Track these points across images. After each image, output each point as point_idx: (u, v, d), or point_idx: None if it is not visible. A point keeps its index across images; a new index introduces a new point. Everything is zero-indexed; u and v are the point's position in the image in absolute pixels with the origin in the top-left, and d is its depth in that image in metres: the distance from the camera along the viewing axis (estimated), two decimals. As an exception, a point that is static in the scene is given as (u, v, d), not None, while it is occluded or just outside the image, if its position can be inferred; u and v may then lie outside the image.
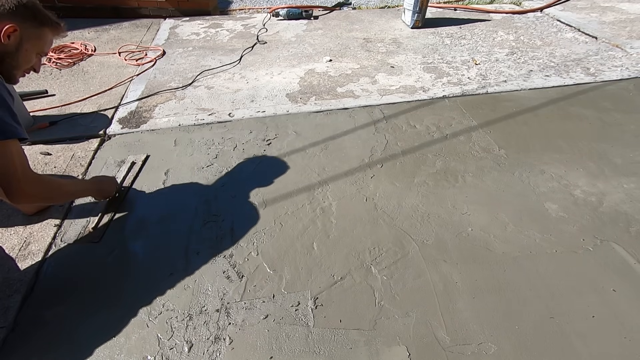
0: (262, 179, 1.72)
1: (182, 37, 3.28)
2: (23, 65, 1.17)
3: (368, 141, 1.96)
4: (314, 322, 1.16)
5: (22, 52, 1.13)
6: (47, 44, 1.21)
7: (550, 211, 1.54)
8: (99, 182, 1.50)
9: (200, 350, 1.09)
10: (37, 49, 1.17)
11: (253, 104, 2.29)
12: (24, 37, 1.11)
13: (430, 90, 2.41)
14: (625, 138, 1.96)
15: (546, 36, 3.23)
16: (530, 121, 2.10)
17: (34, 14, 1.13)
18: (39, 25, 1.15)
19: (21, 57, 1.14)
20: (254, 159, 1.84)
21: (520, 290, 1.25)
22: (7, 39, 1.08)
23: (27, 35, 1.12)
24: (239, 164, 1.81)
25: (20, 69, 1.17)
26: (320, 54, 2.95)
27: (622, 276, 1.28)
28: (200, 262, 1.35)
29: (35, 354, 1.09)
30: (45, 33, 1.17)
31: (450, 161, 1.81)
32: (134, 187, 1.68)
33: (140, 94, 2.39)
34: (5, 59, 1.12)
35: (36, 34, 1.15)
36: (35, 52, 1.18)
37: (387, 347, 1.10)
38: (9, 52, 1.10)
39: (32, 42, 1.14)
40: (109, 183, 1.54)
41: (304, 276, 1.30)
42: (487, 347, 1.10)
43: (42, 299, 1.23)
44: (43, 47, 1.19)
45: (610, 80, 2.50)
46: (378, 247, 1.40)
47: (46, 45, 1.21)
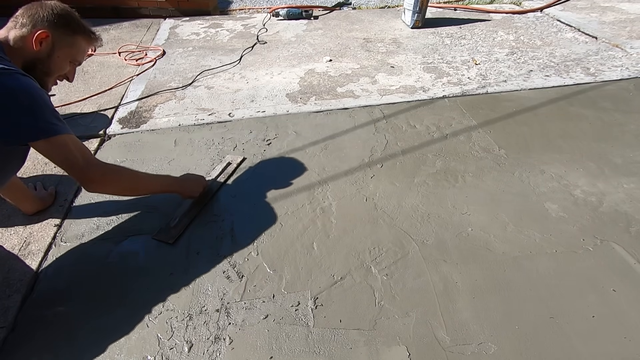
0: (262, 179, 1.72)
1: (182, 37, 3.28)
2: (55, 73, 1.17)
3: (368, 141, 1.96)
4: (314, 322, 1.16)
5: (54, 59, 1.14)
6: (80, 53, 1.21)
7: (550, 211, 1.54)
8: (185, 180, 1.48)
9: (200, 350, 1.09)
10: (69, 57, 1.18)
11: (253, 104, 2.29)
12: (56, 44, 1.12)
13: (430, 90, 2.41)
14: (625, 138, 1.96)
15: (546, 36, 3.23)
16: (530, 121, 2.10)
17: (67, 21, 1.14)
18: (71, 34, 1.15)
19: (53, 64, 1.15)
20: (254, 158, 1.84)
21: (520, 290, 1.25)
22: (38, 45, 1.09)
23: (60, 42, 1.13)
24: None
25: (52, 76, 1.18)
26: (320, 54, 2.95)
27: (622, 276, 1.28)
28: (200, 262, 1.35)
29: (35, 354, 1.09)
30: (78, 41, 1.18)
31: (450, 161, 1.81)
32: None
33: (140, 94, 2.39)
34: (37, 65, 1.12)
35: (68, 41, 1.15)
36: (67, 60, 1.18)
37: (387, 347, 1.10)
38: (40, 58, 1.11)
39: (64, 49, 1.15)
40: (196, 182, 1.50)
41: (304, 276, 1.30)
42: (487, 347, 1.10)
43: (42, 299, 1.23)
44: (76, 55, 1.20)
45: (610, 80, 2.50)
46: (378, 247, 1.40)
47: (79, 53, 1.21)
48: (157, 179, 1.42)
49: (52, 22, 1.10)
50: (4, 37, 1.09)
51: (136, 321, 1.17)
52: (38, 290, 1.25)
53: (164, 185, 1.41)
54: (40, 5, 1.12)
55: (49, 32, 1.09)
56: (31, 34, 1.08)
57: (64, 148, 1.06)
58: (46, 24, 1.10)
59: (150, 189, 1.38)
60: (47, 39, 1.10)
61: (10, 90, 0.96)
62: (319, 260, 1.35)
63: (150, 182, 1.36)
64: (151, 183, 1.36)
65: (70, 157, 1.07)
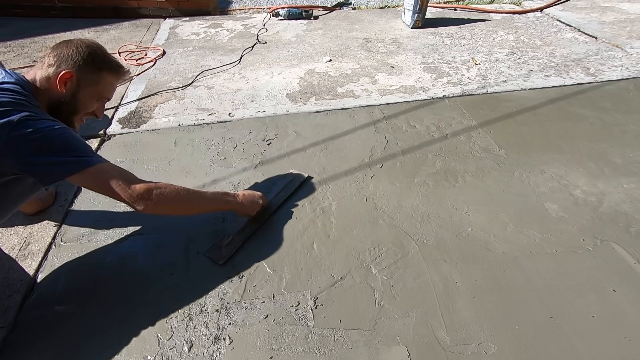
0: (261, 179, 1.71)
1: (182, 37, 3.28)
2: (82, 111, 1.15)
3: (368, 141, 1.96)
4: (314, 322, 1.16)
5: (80, 98, 1.12)
6: (107, 89, 1.18)
7: (550, 211, 1.54)
8: (243, 197, 1.39)
9: (200, 350, 1.09)
10: (96, 94, 1.15)
11: (253, 104, 2.29)
12: (81, 83, 1.10)
13: (430, 90, 2.41)
14: (625, 138, 1.96)
15: (546, 36, 3.23)
16: (530, 121, 2.10)
17: (92, 59, 1.10)
18: (97, 71, 1.12)
19: (79, 103, 1.12)
20: (253, 159, 1.84)
21: (520, 290, 1.25)
22: (63, 86, 1.07)
23: (85, 81, 1.10)
24: (239, 164, 1.81)
25: (79, 114, 1.16)
26: (320, 54, 2.95)
27: (622, 276, 1.28)
28: (201, 262, 1.35)
29: (35, 354, 1.09)
30: (104, 78, 1.15)
31: (450, 161, 1.81)
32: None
33: (140, 94, 2.39)
34: (63, 106, 1.10)
35: (94, 79, 1.12)
36: (94, 98, 1.16)
37: (387, 347, 1.10)
38: (66, 98, 1.09)
39: (90, 88, 1.12)
40: (254, 200, 1.42)
41: (304, 276, 1.30)
42: (487, 347, 1.10)
43: (42, 299, 1.23)
44: (102, 92, 1.17)
45: (610, 80, 2.50)
46: (378, 247, 1.40)
47: (105, 90, 1.18)
48: (212, 196, 1.31)
49: (77, 60, 1.08)
50: (32, 78, 1.08)
51: (136, 321, 1.17)
52: (38, 291, 1.25)
53: (220, 202, 1.32)
54: (66, 44, 1.10)
55: (72, 72, 1.07)
56: (55, 75, 1.07)
57: (101, 176, 1.04)
58: (70, 64, 1.07)
59: (205, 206, 1.29)
60: (71, 78, 1.08)
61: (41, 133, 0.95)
62: (319, 260, 1.35)
63: (205, 199, 1.27)
64: (206, 200, 1.28)
65: (112, 184, 1.04)
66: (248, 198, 1.40)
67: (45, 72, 1.08)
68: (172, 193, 1.14)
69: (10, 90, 0.98)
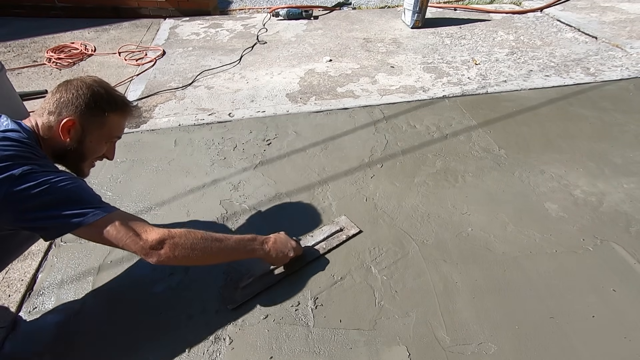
0: (261, 179, 1.71)
1: (182, 37, 3.28)
2: (90, 157, 1.08)
3: (368, 141, 1.96)
4: (314, 322, 1.16)
5: (87, 144, 1.03)
6: (115, 130, 1.09)
7: (550, 211, 1.54)
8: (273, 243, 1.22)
9: (200, 350, 1.09)
10: (103, 138, 1.07)
11: (253, 104, 2.29)
12: (86, 129, 1.02)
13: (430, 90, 2.41)
14: (625, 138, 1.96)
15: (546, 36, 3.23)
16: (530, 121, 2.10)
17: (95, 101, 1.01)
18: (101, 113, 1.03)
19: (86, 150, 1.04)
20: (253, 159, 1.84)
21: (520, 290, 1.25)
22: (67, 135, 0.99)
23: (89, 126, 1.02)
24: (239, 164, 1.81)
25: (88, 160, 1.08)
26: (320, 54, 2.95)
27: (622, 276, 1.28)
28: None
29: (35, 354, 1.09)
30: (109, 120, 1.05)
31: (450, 161, 1.81)
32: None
33: (140, 94, 2.39)
34: (69, 155, 1.03)
35: (99, 123, 1.03)
36: (102, 142, 1.07)
37: (387, 347, 1.10)
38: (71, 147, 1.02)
39: (96, 133, 1.04)
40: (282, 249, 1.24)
41: (304, 276, 1.30)
42: (487, 347, 1.10)
43: (42, 299, 1.23)
44: (110, 134, 1.08)
45: (610, 80, 2.50)
46: (378, 247, 1.40)
47: (114, 131, 1.09)
48: (235, 244, 1.14)
49: (78, 105, 0.99)
50: (32, 125, 0.99)
51: (136, 321, 1.17)
52: (38, 290, 1.25)
53: (244, 251, 1.16)
54: (65, 87, 1.01)
55: (75, 119, 0.99)
56: (57, 123, 0.98)
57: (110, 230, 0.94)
58: (72, 110, 0.99)
59: (225, 257, 1.14)
60: (74, 126, 0.99)
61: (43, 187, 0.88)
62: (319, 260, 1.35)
63: (226, 249, 1.11)
64: (227, 250, 1.11)
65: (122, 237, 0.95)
66: (278, 247, 1.23)
67: (46, 120, 0.99)
68: (187, 243, 1.01)
69: (14, 140, 0.91)
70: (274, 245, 1.22)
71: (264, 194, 1.63)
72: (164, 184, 1.68)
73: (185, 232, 1.03)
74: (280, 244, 1.24)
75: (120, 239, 0.95)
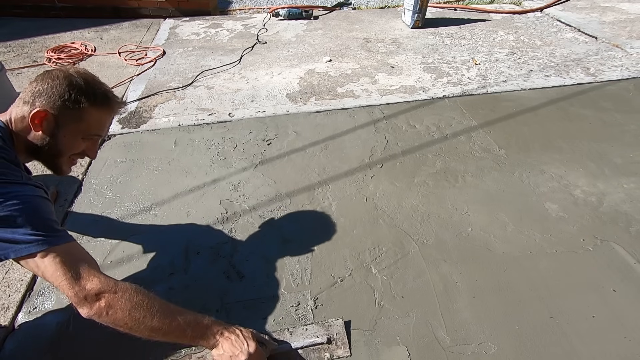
0: (261, 179, 1.72)
1: (182, 37, 3.28)
2: (66, 153, 0.98)
3: (368, 141, 1.96)
4: (314, 322, 1.16)
5: (61, 138, 0.94)
6: (95, 126, 0.99)
7: (550, 211, 1.54)
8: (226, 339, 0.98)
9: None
10: (80, 133, 0.97)
11: (253, 104, 2.29)
12: (59, 122, 0.93)
13: (430, 90, 2.41)
14: (625, 138, 1.96)
15: (546, 36, 3.23)
16: (530, 121, 2.10)
17: (72, 93, 0.92)
18: (78, 106, 0.93)
19: (61, 145, 0.95)
20: (253, 159, 1.84)
21: (520, 290, 1.25)
22: (39, 127, 0.91)
23: (64, 118, 0.93)
24: (239, 164, 1.81)
25: (64, 156, 0.99)
26: (320, 54, 2.95)
27: (622, 276, 1.28)
28: (201, 262, 1.35)
29: (35, 354, 1.09)
30: (87, 113, 0.95)
31: (450, 161, 1.81)
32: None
33: (140, 94, 2.39)
34: (43, 150, 0.95)
35: (75, 116, 0.94)
36: (79, 137, 0.97)
37: (387, 347, 1.10)
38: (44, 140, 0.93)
39: (71, 126, 0.94)
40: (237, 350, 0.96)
41: (304, 276, 1.30)
42: (487, 347, 1.10)
43: (42, 299, 1.23)
44: (88, 129, 0.98)
45: (610, 80, 2.50)
46: (378, 247, 1.40)
47: (92, 127, 0.98)
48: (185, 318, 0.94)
49: (52, 95, 0.91)
50: (7, 119, 0.92)
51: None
52: (38, 290, 1.25)
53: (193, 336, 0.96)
54: (43, 76, 0.94)
55: (47, 109, 0.90)
56: (29, 114, 0.90)
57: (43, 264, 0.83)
58: (45, 100, 0.90)
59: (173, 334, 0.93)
60: (46, 117, 0.91)
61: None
62: (319, 260, 1.35)
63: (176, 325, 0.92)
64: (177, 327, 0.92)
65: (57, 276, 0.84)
66: (232, 351, 0.96)
67: (20, 111, 0.92)
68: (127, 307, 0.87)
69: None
70: (230, 346, 0.97)
71: (264, 194, 1.63)
72: (164, 184, 1.69)
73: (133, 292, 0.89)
74: (236, 344, 0.97)
75: (56, 279, 0.84)
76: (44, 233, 0.84)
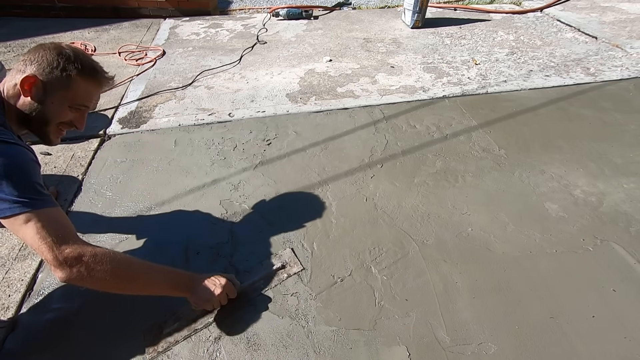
0: (261, 179, 1.71)
1: (182, 37, 3.28)
2: (54, 120, 1.02)
3: (368, 141, 1.96)
4: (314, 322, 1.16)
5: (48, 105, 0.99)
6: (82, 97, 1.03)
7: (550, 211, 1.54)
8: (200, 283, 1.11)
9: (200, 350, 1.09)
10: (67, 101, 1.01)
11: (253, 104, 2.29)
12: (48, 89, 0.97)
13: (430, 90, 2.41)
14: (625, 138, 1.96)
15: (546, 36, 3.23)
16: (530, 121, 2.10)
17: (62, 62, 0.98)
18: (65, 74, 0.98)
19: (48, 111, 0.99)
20: (253, 159, 1.84)
21: (520, 290, 1.25)
22: (27, 92, 0.96)
23: (52, 85, 0.98)
24: (239, 164, 1.81)
25: (52, 125, 1.02)
26: (320, 54, 2.95)
27: (622, 276, 1.28)
28: (200, 262, 1.35)
29: (35, 354, 1.09)
30: (75, 83, 1.00)
31: (450, 161, 1.81)
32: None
33: (140, 94, 2.39)
34: (32, 114, 0.98)
35: (63, 83, 0.99)
36: (65, 105, 1.01)
37: (387, 347, 1.10)
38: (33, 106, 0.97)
39: (59, 93, 0.99)
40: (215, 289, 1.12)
41: (304, 276, 1.30)
42: (487, 347, 1.10)
43: (42, 299, 1.23)
44: (75, 99, 1.02)
45: (610, 80, 2.50)
46: (378, 247, 1.40)
47: (79, 97, 1.03)
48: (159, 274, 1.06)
49: (41, 63, 0.96)
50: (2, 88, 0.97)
51: (136, 321, 1.17)
52: (38, 290, 1.25)
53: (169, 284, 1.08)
54: (35, 48, 0.99)
55: (37, 75, 0.95)
56: (19, 80, 0.95)
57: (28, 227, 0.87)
58: (35, 67, 0.96)
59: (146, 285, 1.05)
60: (35, 83, 0.95)
61: None
62: (319, 260, 1.35)
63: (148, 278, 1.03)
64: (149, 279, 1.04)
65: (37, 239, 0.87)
66: (206, 289, 1.11)
67: (12, 79, 0.98)
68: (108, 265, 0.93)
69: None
70: (204, 287, 1.11)
71: (264, 194, 1.63)
72: (164, 184, 1.69)
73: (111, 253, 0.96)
74: (212, 286, 1.12)
75: (35, 242, 0.87)
76: (29, 195, 0.87)
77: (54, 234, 0.89)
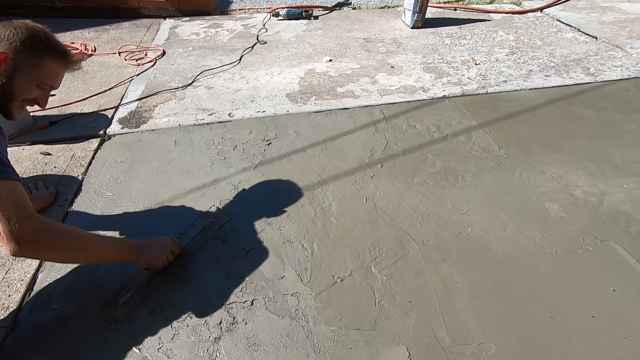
0: (261, 179, 1.71)
1: (182, 37, 3.28)
2: (18, 97, 1.05)
3: (368, 141, 1.96)
4: (314, 322, 1.16)
5: (16, 82, 1.02)
6: (49, 76, 1.08)
7: (550, 211, 1.54)
8: (147, 246, 1.23)
9: (200, 350, 1.09)
10: (35, 79, 1.05)
11: (253, 104, 2.29)
12: (17, 66, 1.01)
13: (430, 90, 2.41)
14: (625, 138, 1.96)
15: (546, 36, 3.23)
16: (530, 121, 2.10)
17: (32, 41, 1.01)
18: (37, 55, 1.03)
19: (15, 88, 1.02)
20: (253, 159, 1.84)
21: (520, 290, 1.25)
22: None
23: (22, 64, 1.01)
24: (239, 164, 1.81)
25: (16, 101, 1.05)
26: (320, 54, 2.95)
27: (622, 276, 1.28)
28: (200, 262, 1.35)
29: (35, 353, 1.09)
30: (45, 63, 1.05)
31: (450, 161, 1.81)
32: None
33: (140, 94, 2.39)
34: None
35: (33, 63, 1.03)
36: (33, 83, 1.05)
37: (387, 347, 1.10)
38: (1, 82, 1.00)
39: (27, 71, 1.03)
40: (161, 249, 1.26)
41: (304, 276, 1.30)
42: (487, 347, 1.10)
43: (42, 299, 1.23)
44: (43, 78, 1.06)
45: (610, 80, 2.50)
46: (378, 247, 1.40)
47: (47, 77, 1.07)
48: (109, 245, 1.19)
49: (14, 41, 0.99)
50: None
51: (136, 320, 1.17)
52: (37, 290, 1.25)
53: (118, 252, 1.18)
54: (4, 25, 1.01)
55: (7, 52, 0.98)
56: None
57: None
58: (6, 45, 0.98)
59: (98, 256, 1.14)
60: (5, 60, 0.98)
61: None
62: (319, 260, 1.35)
63: (99, 250, 1.13)
64: (100, 250, 1.13)
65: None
66: (154, 248, 1.25)
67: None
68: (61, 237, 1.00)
69: None
70: (149, 247, 1.23)
71: (263, 194, 1.63)
72: (164, 184, 1.68)
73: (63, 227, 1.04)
74: (156, 244, 1.26)
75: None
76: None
77: (12, 207, 0.90)
